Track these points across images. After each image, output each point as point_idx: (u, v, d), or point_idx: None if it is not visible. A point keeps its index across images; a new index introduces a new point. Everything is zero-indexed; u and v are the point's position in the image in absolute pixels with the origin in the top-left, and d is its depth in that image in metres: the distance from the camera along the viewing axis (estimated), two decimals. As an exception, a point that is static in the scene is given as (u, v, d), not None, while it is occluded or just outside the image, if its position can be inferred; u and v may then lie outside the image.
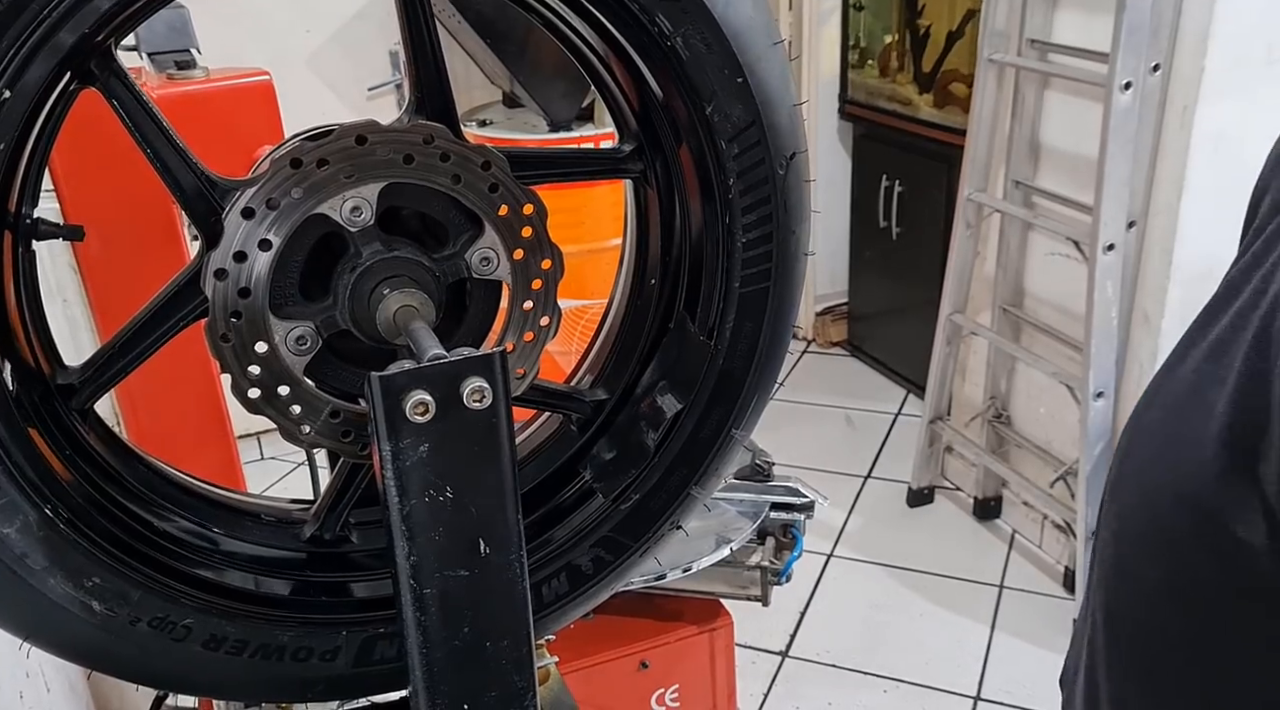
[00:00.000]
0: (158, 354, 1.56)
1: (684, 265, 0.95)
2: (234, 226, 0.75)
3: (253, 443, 3.73)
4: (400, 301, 0.75)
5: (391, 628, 0.86)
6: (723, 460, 0.96)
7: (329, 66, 3.85)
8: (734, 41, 0.83)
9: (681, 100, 0.85)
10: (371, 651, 0.87)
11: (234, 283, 0.75)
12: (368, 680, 0.88)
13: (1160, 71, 2.53)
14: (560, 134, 3.34)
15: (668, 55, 0.82)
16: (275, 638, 0.82)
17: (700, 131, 0.85)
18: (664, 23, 0.81)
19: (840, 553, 3.34)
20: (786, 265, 0.91)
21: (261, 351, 0.76)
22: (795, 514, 1.82)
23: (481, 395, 0.68)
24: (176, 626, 0.78)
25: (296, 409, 0.79)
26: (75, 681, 2.08)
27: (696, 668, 1.90)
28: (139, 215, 1.49)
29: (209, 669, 0.81)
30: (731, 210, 0.88)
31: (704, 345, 0.92)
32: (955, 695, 2.74)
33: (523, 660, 0.77)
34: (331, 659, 0.85)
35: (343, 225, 0.77)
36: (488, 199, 0.81)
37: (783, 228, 0.90)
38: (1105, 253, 2.65)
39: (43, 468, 0.75)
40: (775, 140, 0.87)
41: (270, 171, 0.75)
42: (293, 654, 0.83)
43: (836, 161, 4.33)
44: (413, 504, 0.70)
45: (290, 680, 0.85)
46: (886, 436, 3.98)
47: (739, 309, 0.91)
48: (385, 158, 0.77)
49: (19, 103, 0.69)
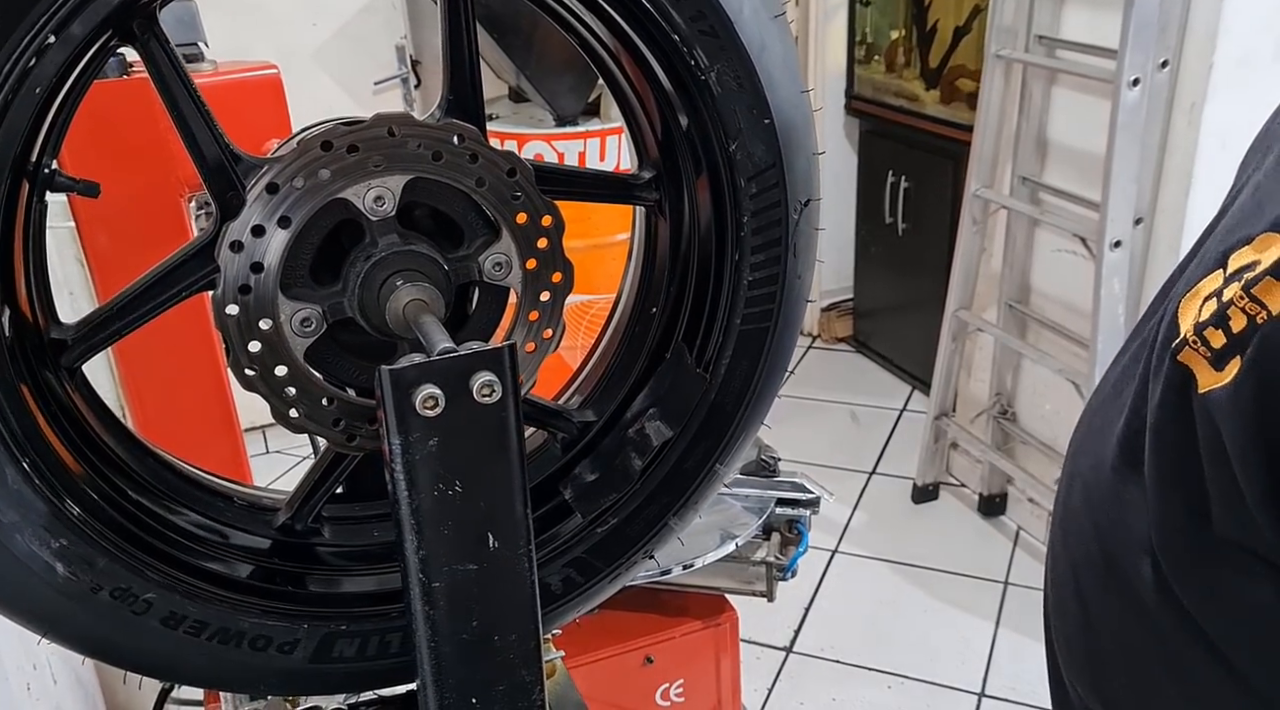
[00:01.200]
0: (166, 350, 1.57)
1: (688, 297, 0.96)
2: (256, 200, 0.75)
3: (258, 436, 3.74)
4: (412, 295, 0.75)
5: (353, 626, 0.86)
6: (704, 493, 0.97)
7: (335, 61, 3.86)
8: (765, 83, 0.85)
9: (707, 134, 0.86)
10: (331, 648, 0.85)
11: (248, 256, 0.75)
12: (323, 678, 0.87)
13: (1168, 68, 2.52)
14: (566, 129, 3.34)
15: (700, 88, 0.84)
16: (236, 623, 0.81)
17: (721, 167, 0.87)
18: (701, 57, 0.83)
19: (845, 549, 3.34)
20: (789, 309, 0.93)
21: (265, 328, 0.76)
22: (801, 509, 1.82)
23: (491, 390, 0.68)
24: (138, 600, 0.77)
25: (291, 391, 0.78)
26: (82, 674, 2.09)
27: (701, 663, 1.90)
28: (147, 210, 1.49)
29: (164, 647, 0.80)
30: (742, 248, 0.89)
31: (700, 377, 0.93)
32: (960, 691, 2.75)
33: (530, 654, 0.77)
34: (289, 651, 0.84)
35: (364, 213, 0.77)
36: (509, 205, 0.82)
37: (790, 271, 0.91)
38: (1112, 250, 2.64)
39: (28, 422, 0.74)
40: (793, 184, 0.89)
41: (300, 151, 0.75)
42: (251, 641, 0.82)
43: (842, 157, 4.32)
44: (422, 498, 0.70)
45: (244, 668, 0.83)
46: (891, 433, 3.98)
47: (737, 346, 0.92)
48: (415, 152, 0.78)
49: (60, 52, 0.69)
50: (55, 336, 0.81)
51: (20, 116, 0.70)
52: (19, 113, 0.69)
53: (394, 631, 0.87)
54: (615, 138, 3.32)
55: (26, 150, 0.75)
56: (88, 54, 0.74)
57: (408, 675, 0.91)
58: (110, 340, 0.82)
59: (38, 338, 0.80)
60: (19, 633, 0.80)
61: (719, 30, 0.82)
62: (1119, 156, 2.56)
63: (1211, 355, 0.70)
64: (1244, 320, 0.67)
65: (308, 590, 0.89)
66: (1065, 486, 0.96)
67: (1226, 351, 0.69)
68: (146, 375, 1.59)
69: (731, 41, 0.83)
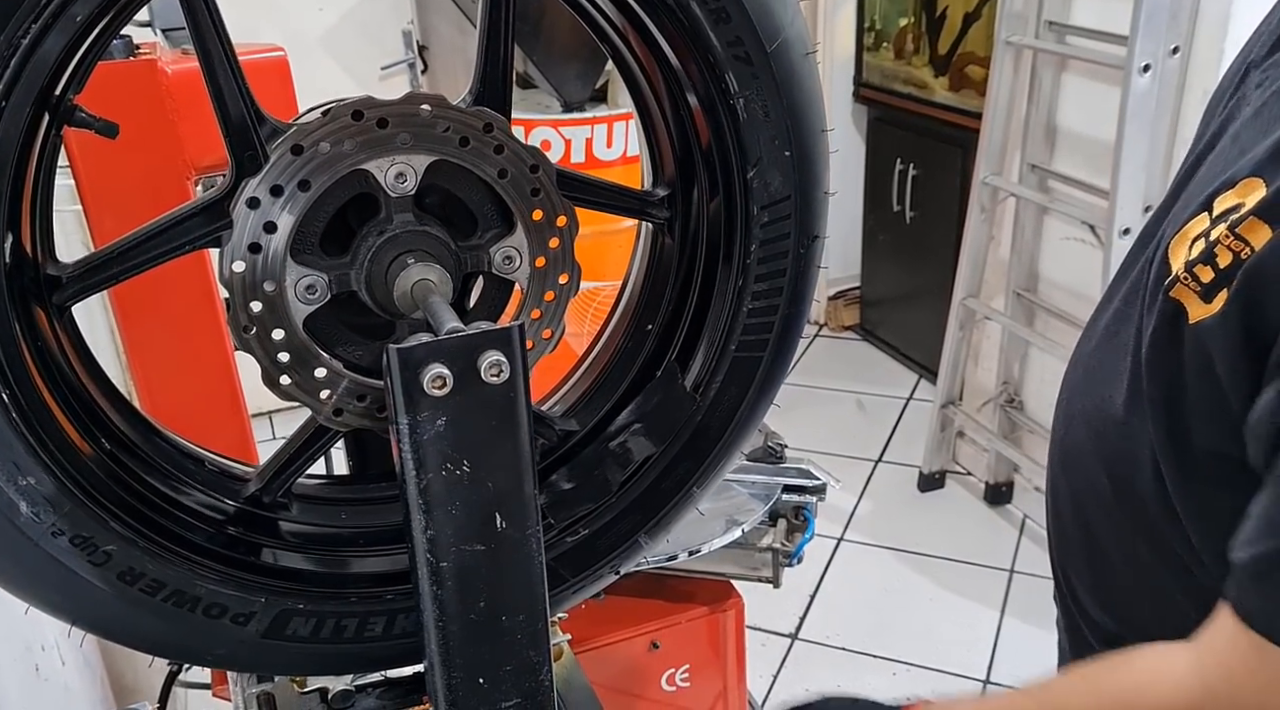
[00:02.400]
0: (173, 335, 1.57)
1: (686, 318, 0.96)
2: (279, 161, 0.74)
3: (264, 422, 3.75)
4: (421, 274, 0.75)
5: (311, 606, 0.84)
6: (677, 515, 0.97)
7: (342, 45, 3.85)
8: (790, 116, 0.86)
9: (727, 158, 0.87)
10: (285, 625, 0.84)
11: (263, 215, 0.74)
12: (273, 655, 0.86)
13: (1179, 54, 2.50)
14: (573, 115, 3.33)
15: (728, 112, 0.85)
16: (193, 587, 0.80)
17: (737, 192, 0.88)
18: (733, 81, 0.84)
19: (850, 537, 3.34)
20: (784, 340, 0.94)
21: (269, 290, 0.76)
22: (807, 496, 1.82)
23: (499, 369, 0.68)
24: (98, 550, 0.76)
25: (285, 357, 0.78)
26: (90, 655, 2.10)
27: (707, 649, 1.90)
28: (154, 194, 1.49)
29: (116, 603, 0.78)
30: (746, 275, 0.91)
31: (690, 398, 0.93)
32: (965, 679, 2.75)
33: (538, 634, 0.77)
34: (243, 623, 0.82)
35: (383, 187, 0.77)
36: (527, 200, 0.82)
37: (789, 303, 0.93)
38: (1121, 237, 2.63)
39: (13, 354, 0.73)
40: (803, 218, 0.90)
41: (330, 117, 0.75)
42: (205, 608, 0.80)
43: (850, 145, 4.31)
44: (430, 478, 0.70)
45: (196, 635, 0.82)
46: (898, 421, 3.97)
47: (729, 372, 0.93)
48: (443, 134, 0.78)
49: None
50: (51, 273, 0.80)
51: (55, 45, 0.69)
52: (55, 41, 0.68)
53: (350, 616, 0.86)
54: (623, 124, 3.31)
55: (54, 82, 0.74)
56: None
57: (359, 663, 0.91)
58: (106, 284, 0.81)
59: (34, 271, 0.78)
60: (27, 614, 0.79)
61: (754, 58, 0.84)
62: (1129, 143, 2.54)
63: (1201, 289, 0.78)
64: (1229, 256, 0.76)
65: (270, 564, 0.87)
66: (1064, 427, 1.05)
67: (1214, 285, 0.77)
68: (154, 360, 1.59)
69: (765, 71, 0.84)
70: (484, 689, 0.77)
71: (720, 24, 0.82)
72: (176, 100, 1.44)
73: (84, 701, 1.96)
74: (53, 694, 1.80)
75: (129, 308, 1.55)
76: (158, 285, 1.55)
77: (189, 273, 1.55)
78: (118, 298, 1.54)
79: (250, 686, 1.07)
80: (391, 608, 0.87)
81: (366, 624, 0.87)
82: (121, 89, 1.39)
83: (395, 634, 0.88)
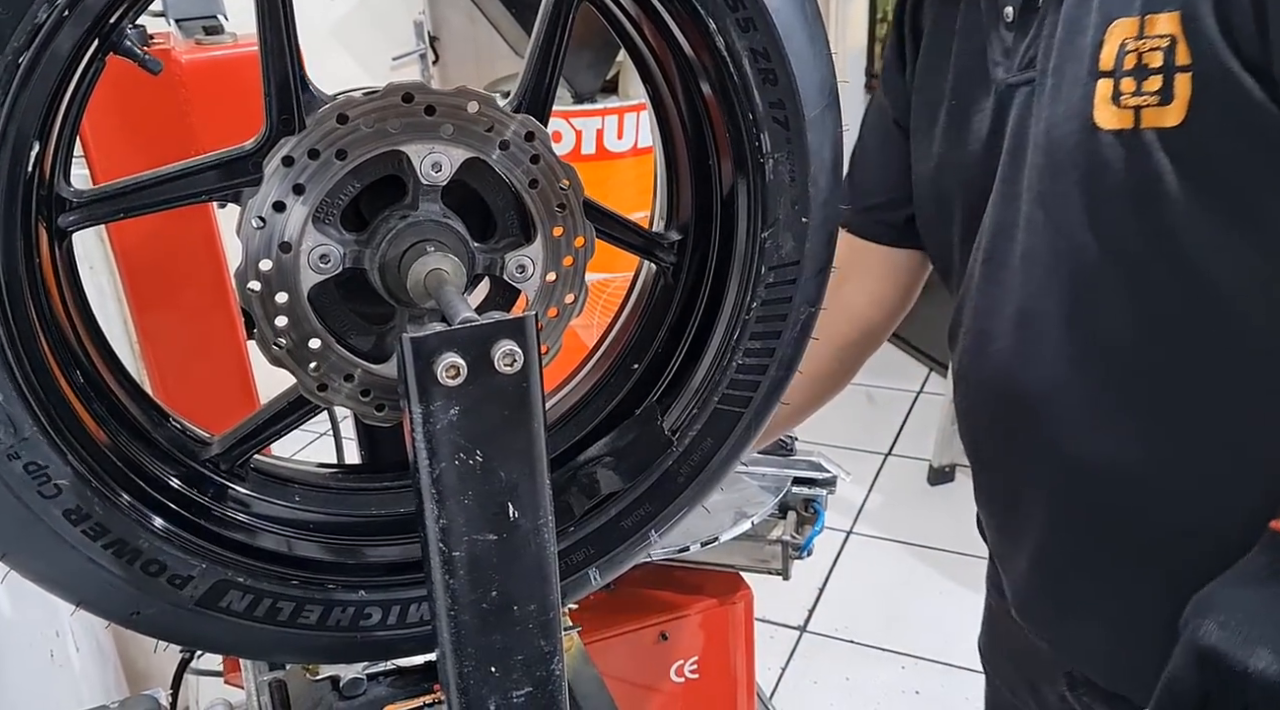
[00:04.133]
0: (187, 324, 1.57)
1: (675, 362, 0.97)
2: (320, 126, 0.74)
3: (276, 412, 3.76)
4: (437, 263, 0.75)
5: (251, 581, 0.82)
6: (630, 556, 0.97)
7: (353, 35, 3.85)
8: (813, 185, 0.88)
9: (746, 214, 0.89)
10: (221, 596, 0.82)
11: (294, 175, 0.74)
12: (201, 625, 0.82)
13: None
14: (585, 106, 3.32)
15: (756, 170, 0.86)
16: (136, 538, 0.78)
17: (749, 250, 0.89)
18: (767, 142, 0.85)
19: (860, 530, 3.34)
20: (767, 400, 0.94)
21: (284, 251, 0.75)
22: (817, 489, 1.82)
23: (513, 359, 0.68)
24: (50, 482, 0.74)
25: (283, 321, 0.77)
26: (103, 642, 2.12)
27: (716, 641, 1.90)
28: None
29: (57, 540, 0.75)
30: (741, 331, 0.91)
31: (666, 441, 0.93)
32: (973, 672, 2.73)
33: (550, 624, 0.77)
34: (179, 586, 0.80)
35: (417, 173, 0.77)
36: (552, 215, 0.82)
37: (779, 366, 0.93)
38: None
39: (13, 265, 0.72)
40: (807, 286, 0.91)
41: (381, 95, 0.75)
42: (145, 563, 0.78)
43: (862, 137, 4.29)
44: (442, 467, 0.70)
45: (128, 590, 0.79)
46: (908, 414, 3.97)
47: (708, 423, 0.93)
48: (486, 133, 0.78)
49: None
50: (62, 195, 0.79)
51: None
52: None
53: (287, 600, 0.84)
54: (634, 115, 3.30)
55: (111, 7, 0.73)
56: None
57: (287, 649, 0.89)
58: (113, 217, 0.80)
59: (48, 189, 0.78)
60: (43, 601, 0.79)
61: (791, 123, 0.85)
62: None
63: (1158, 96, 0.88)
64: (1159, 56, 0.86)
65: (217, 531, 0.85)
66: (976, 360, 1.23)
67: (1165, 82, 0.87)
68: (168, 351, 1.60)
69: (799, 137, 0.86)
70: (495, 677, 0.77)
71: (767, 85, 0.84)
72: (189, 90, 1.44)
73: (97, 687, 1.98)
74: (66, 680, 1.82)
75: (143, 298, 1.56)
76: (172, 276, 1.55)
77: (202, 264, 1.55)
78: (132, 288, 1.55)
79: (262, 674, 1.08)
80: (331, 599, 0.86)
81: (303, 610, 0.85)
82: (134, 78, 1.39)
83: (329, 625, 0.86)
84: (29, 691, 1.62)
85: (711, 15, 0.82)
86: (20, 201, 0.72)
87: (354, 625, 0.87)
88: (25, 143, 0.71)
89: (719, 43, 0.83)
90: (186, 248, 1.55)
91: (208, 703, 1.14)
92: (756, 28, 0.83)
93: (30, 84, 0.69)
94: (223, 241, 1.56)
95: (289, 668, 1.07)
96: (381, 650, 0.92)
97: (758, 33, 0.83)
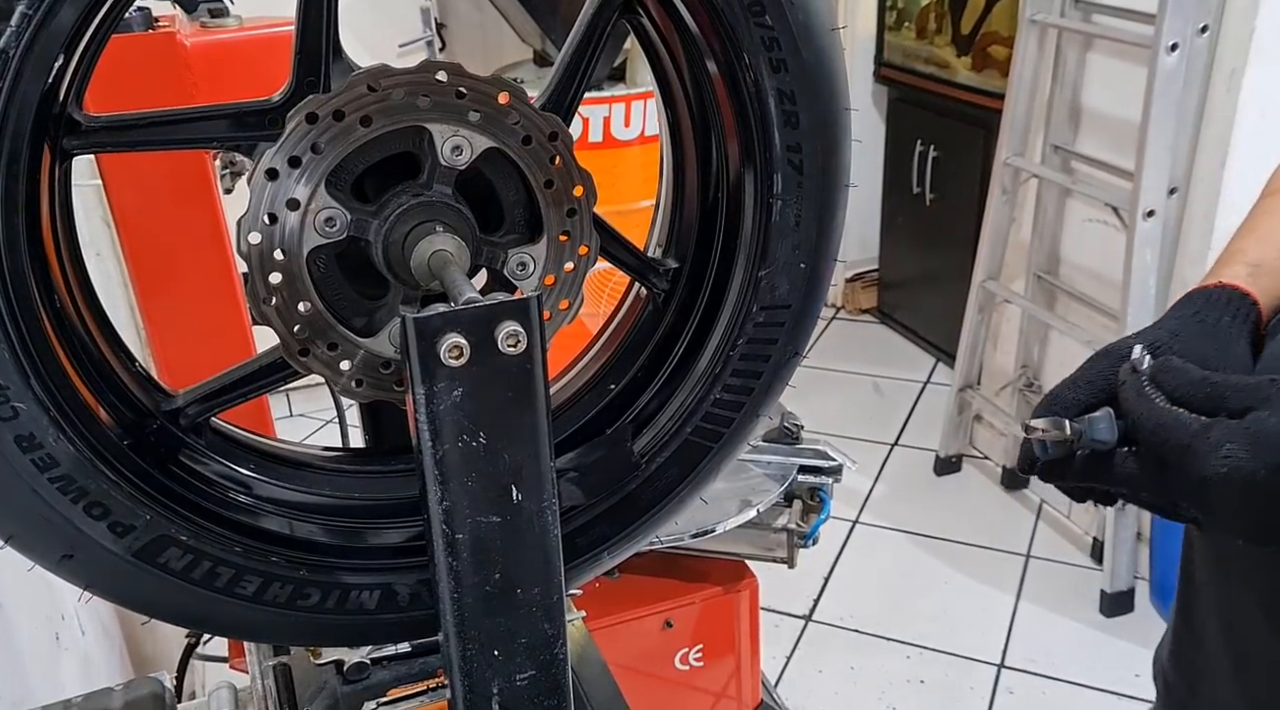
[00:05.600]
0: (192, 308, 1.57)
1: (653, 388, 0.96)
2: (349, 91, 0.74)
3: (281, 399, 3.77)
4: (444, 244, 0.74)
5: (193, 541, 0.80)
6: (581, 575, 0.96)
7: (360, 22, 3.83)
8: (817, 232, 0.89)
9: (747, 251, 0.90)
10: (161, 551, 0.79)
11: (315, 134, 0.74)
12: (132, 579, 0.79)
13: (1208, 33, 2.47)
14: (592, 94, 3.31)
15: (763, 209, 0.87)
16: (85, 478, 0.75)
17: (743, 286, 0.90)
18: (779, 183, 0.86)
19: (865, 519, 3.33)
20: (735, 438, 0.95)
21: (291, 207, 0.74)
22: (823, 477, 1.81)
23: (516, 340, 0.67)
24: (7, 404, 0.71)
25: (277, 278, 0.76)
26: (109, 625, 2.12)
27: (721, 628, 1.90)
28: (174, 167, 1.49)
29: (11, 469, 0.73)
30: (724, 366, 0.92)
31: (634, 464, 0.93)
32: (978, 662, 2.74)
33: (553, 607, 0.76)
34: (121, 535, 0.77)
35: (438, 153, 0.77)
36: (561, 219, 0.82)
37: (753, 406, 0.93)
38: (1145, 219, 2.60)
39: (16, 173, 0.71)
40: (794, 330, 0.92)
41: (417, 70, 0.75)
42: (89, 506, 0.76)
43: (870, 125, 4.27)
44: (446, 449, 0.69)
45: (67, 528, 0.75)
46: (915, 404, 3.96)
47: (676, 453, 0.93)
48: (511, 126, 0.78)
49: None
50: (74, 116, 0.77)
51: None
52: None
53: (228, 566, 0.81)
54: (640, 103, 3.29)
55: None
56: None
57: (219, 618, 0.85)
58: (118, 147, 0.80)
59: (60, 109, 0.76)
60: (48, 583, 0.78)
61: (805, 169, 0.86)
62: (1155, 124, 2.51)
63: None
64: None
65: (168, 484, 0.82)
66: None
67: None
68: (172, 336, 1.60)
69: (811, 184, 0.87)
70: (499, 661, 0.77)
71: (788, 127, 0.85)
72: (195, 73, 1.44)
73: (103, 671, 1.99)
74: (72, 663, 1.82)
75: (147, 282, 1.56)
76: (176, 259, 1.55)
77: (207, 248, 1.55)
78: (136, 271, 1.55)
79: (267, 659, 1.08)
80: (273, 572, 0.83)
81: (242, 579, 0.82)
82: (140, 62, 1.39)
83: (266, 600, 0.83)
84: (35, 674, 1.62)
85: (747, 50, 0.83)
86: (36, 111, 0.70)
87: (290, 603, 0.84)
88: (54, 50, 0.70)
89: (747, 78, 0.84)
90: (192, 234, 1.54)
91: (212, 686, 1.14)
92: (788, 70, 0.84)
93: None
94: (228, 228, 1.55)
95: (294, 652, 1.07)
96: (310, 633, 0.89)
97: (788, 75, 0.84)
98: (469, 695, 0.77)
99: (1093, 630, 2.83)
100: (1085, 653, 2.74)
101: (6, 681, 1.48)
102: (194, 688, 1.96)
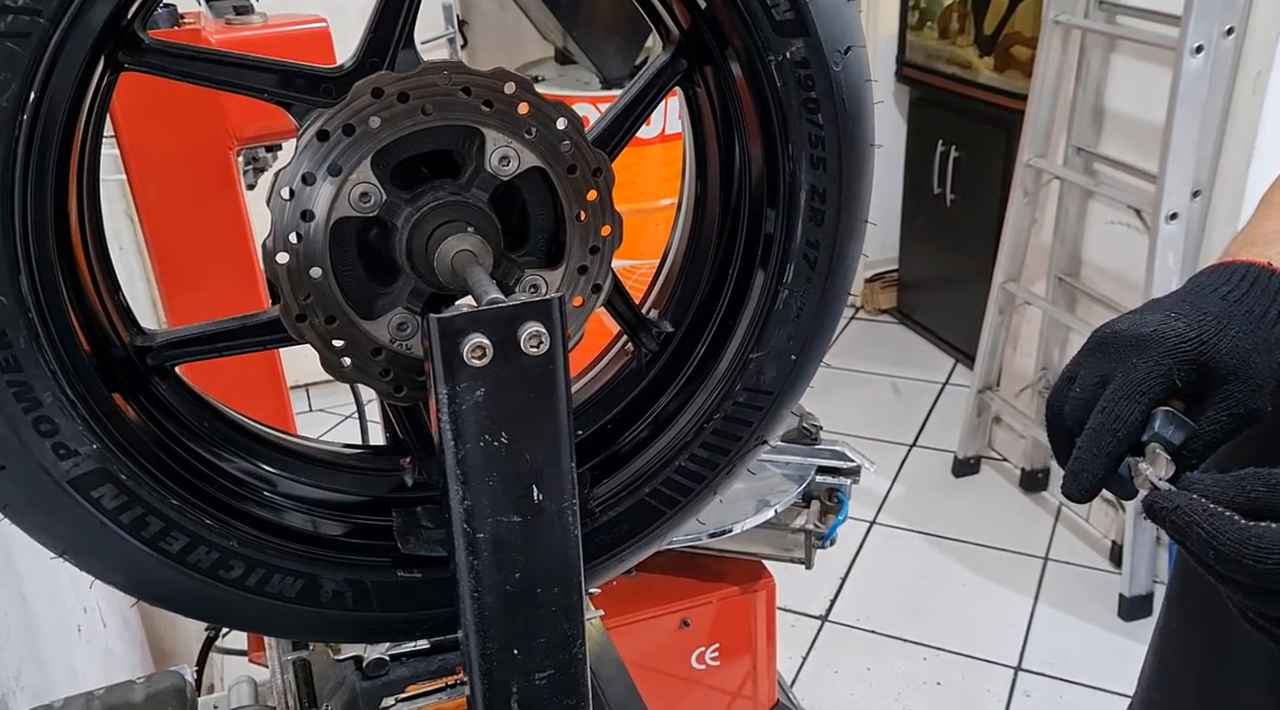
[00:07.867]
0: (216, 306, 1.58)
1: (618, 445, 0.97)
2: (419, 78, 0.75)
3: (301, 394, 3.79)
4: (470, 245, 0.75)
5: (131, 483, 0.77)
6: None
7: (382, 20, 3.85)
8: (814, 329, 0.91)
9: (742, 334, 0.91)
10: (98, 485, 0.76)
11: (375, 109, 0.74)
12: (56, 505, 0.76)
13: (1234, 35, 2.44)
14: (612, 92, 3.31)
15: (767, 296, 0.89)
16: (43, 389, 0.72)
17: (732, 364, 0.91)
18: (790, 274, 0.88)
19: (883, 521, 3.32)
20: (690, 509, 0.95)
21: (332, 172, 0.75)
22: (842, 478, 1.81)
23: (539, 341, 0.68)
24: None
25: (294, 237, 0.75)
26: (130, 617, 2.14)
27: (738, 628, 1.91)
28: (198, 163, 1.50)
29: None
30: (695, 436, 0.92)
31: (586, 511, 0.90)
32: (995, 665, 2.73)
33: (572, 607, 0.77)
34: (64, 457, 0.74)
35: (485, 158, 0.77)
36: (584, 253, 0.83)
37: (712, 481, 0.94)
38: (1168, 222, 2.58)
39: (63, 89, 0.70)
40: (770, 418, 0.93)
41: (488, 75, 0.76)
42: (39, 419, 0.72)
43: (891, 126, 4.25)
44: (468, 448, 0.70)
45: (10, 436, 0.72)
46: (933, 406, 3.94)
47: (629, 512, 0.93)
48: (562, 151, 0.79)
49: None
50: (137, 33, 0.76)
51: None
52: None
53: (158, 517, 0.78)
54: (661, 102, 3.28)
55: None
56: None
57: (130, 563, 0.80)
58: (170, 73, 0.78)
59: (125, 24, 0.75)
60: (71, 577, 0.78)
61: (817, 266, 0.88)
62: (1179, 127, 2.49)
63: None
64: None
65: (122, 421, 0.80)
66: None
67: None
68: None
69: (821, 282, 0.89)
70: (518, 659, 0.77)
71: (812, 222, 0.86)
72: (220, 71, 1.45)
73: (123, 664, 2.01)
74: (93, 655, 1.84)
75: (171, 277, 1.57)
76: (200, 255, 1.56)
77: (231, 244, 1.56)
78: (161, 268, 1.56)
79: (286, 653, 1.09)
80: (200, 535, 0.80)
81: (168, 536, 0.79)
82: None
83: (187, 561, 0.80)
84: (57, 666, 1.64)
85: (793, 142, 0.84)
86: (108, 18, 0.70)
87: (211, 572, 0.81)
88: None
89: (786, 167, 0.85)
90: (216, 229, 1.55)
91: (232, 680, 1.15)
92: (826, 169, 0.85)
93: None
94: (251, 226, 1.56)
95: (313, 647, 1.08)
96: (219, 611, 0.85)
97: (824, 174, 0.85)
98: (488, 694, 0.78)
99: (1111, 634, 2.81)
100: (1103, 656, 2.73)
101: (29, 673, 1.50)
102: (214, 681, 1.97)
